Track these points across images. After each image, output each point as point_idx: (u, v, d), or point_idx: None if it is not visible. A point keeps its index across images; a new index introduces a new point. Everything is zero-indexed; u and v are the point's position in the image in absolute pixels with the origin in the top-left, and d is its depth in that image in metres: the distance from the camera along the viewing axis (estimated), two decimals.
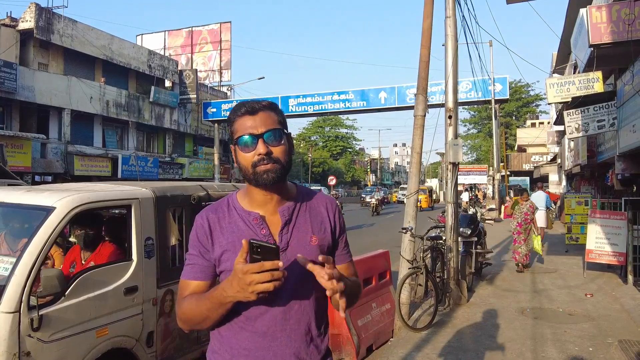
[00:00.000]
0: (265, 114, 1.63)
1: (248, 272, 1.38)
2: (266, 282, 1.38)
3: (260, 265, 1.37)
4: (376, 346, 5.72)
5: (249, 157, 1.60)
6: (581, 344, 5.58)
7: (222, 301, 1.50)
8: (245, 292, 1.41)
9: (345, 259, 1.82)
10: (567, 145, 21.96)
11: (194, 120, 32.73)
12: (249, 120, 1.61)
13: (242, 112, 1.63)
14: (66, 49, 23.72)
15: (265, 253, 1.39)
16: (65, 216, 3.44)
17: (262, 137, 1.59)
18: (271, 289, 1.39)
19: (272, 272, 1.38)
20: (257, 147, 1.59)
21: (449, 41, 7.92)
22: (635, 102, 10.20)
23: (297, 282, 1.62)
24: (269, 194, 1.66)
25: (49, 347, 3.17)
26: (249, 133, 1.59)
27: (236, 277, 1.41)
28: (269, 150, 1.59)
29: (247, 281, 1.38)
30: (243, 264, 1.40)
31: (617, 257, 9.15)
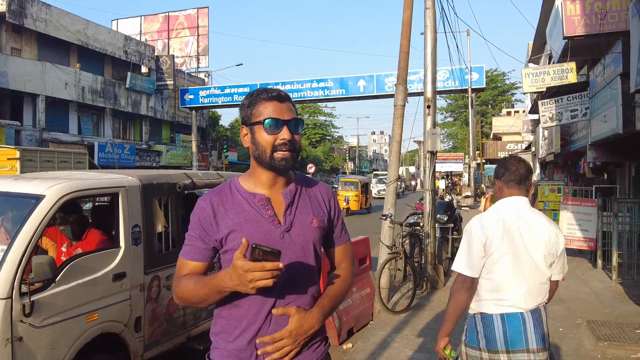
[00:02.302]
0: (289, 104, 1.74)
1: (249, 271, 1.45)
2: (267, 279, 1.46)
3: (262, 266, 1.45)
4: (357, 329, 5.90)
5: (270, 140, 1.68)
6: (552, 325, 5.83)
7: (220, 290, 1.60)
8: (245, 287, 1.49)
9: (343, 240, 1.93)
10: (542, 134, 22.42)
11: (171, 107, 32.41)
12: (276, 106, 1.70)
13: (270, 95, 1.71)
14: (40, 34, 23.24)
15: (267, 255, 1.46)
16: (55, 204, 3.49)
17: (288, 124, 1.69)
18: (270, 284, 1.48)
19: (272, 271, 1.46)
20: (282, 132, 1.68)
21: (428, 33, 8.05)
22: (606, 93, 10.51)
23: (299, 260, 1.73)
24: (275, 177, 1.75)
25: (40, 332, 3.24)
26: (277, 117, 1.68)
27: (236, 272, 1.48)
28: (292, 137, 1.69)
29: (247, 278, 1.46)
30: (243, 260, 1.47)
31: (587, 243, 9.48)
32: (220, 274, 1.57)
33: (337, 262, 1.92)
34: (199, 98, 29.93)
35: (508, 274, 2.56)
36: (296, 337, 1.66)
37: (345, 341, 5.53)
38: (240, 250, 1.48)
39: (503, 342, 2.52)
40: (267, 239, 1.68)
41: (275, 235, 1.71)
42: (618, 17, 9.86)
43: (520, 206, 2.66)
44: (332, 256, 1.92)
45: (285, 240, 1.71)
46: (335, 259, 1.92)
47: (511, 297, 2.56)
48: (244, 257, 1.48)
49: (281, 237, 1.71)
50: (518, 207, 2.66)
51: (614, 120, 10.03)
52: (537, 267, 2.58)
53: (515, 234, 2.58)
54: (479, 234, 2.61)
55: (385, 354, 4.94)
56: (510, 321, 2.53)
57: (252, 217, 1.71)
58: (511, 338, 2.51)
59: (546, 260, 2.59)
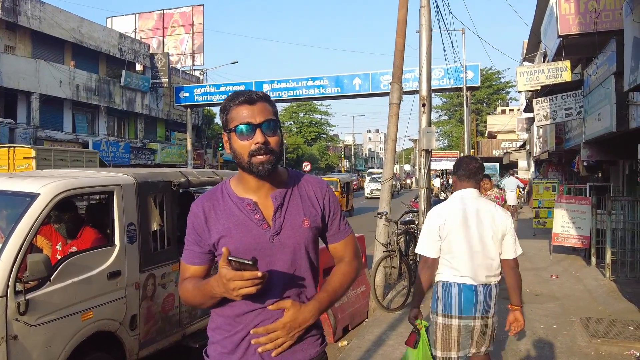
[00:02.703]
0: (263, 105, 1.69)
1: (231, 280, 1.49)
2: (248, 287, 1.50)
3: (241, 275, 1.48)
4: (352, 326, 5.92)
5: (246, 146, 1.66)
6: (546, 322, 5.88)
7: (212, 296, 1.64)
8: (230, 294, 1.54)
9: (341, 237, 1.88)
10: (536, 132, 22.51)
11: (166, 105, 32.31)
12: (247, 110, 1.66)
13: (240, 100, 1.68)
14: (34, 32, 23.11)
15: (243, 265, 1.49)
16: (50, 202, 3.49)
17: (260, 127, 1.66)
18: (253, 292, 1.51)
19: (252, 280, 1.49)
20: (255, 136, 1.65)
21: (424, 31, 8.07)
22: (600, 91, 10.57)
23: (291, 261, 1.74)
24: (261, 181, 1.74)
25: (35, 330, 3.24)
26: (248, 122, 1.65)
27: (221, 281, 1.53)
28: (266, 140, 1.66)
29: (230, 287, 1.50)
30: (227, 269, 1.50)
31: (581, 241, 9.54)
32: (211, 281, 1.62)
33: (339, 257, 1.90)
34: (194, 96, 29.84)
35: (461, 251, 3.09)
36: (290, 330, 1.67)
37: (340, 338, 5.55)
38: (223, 259, 1.51)
39: (457, 308, 3.06)
40: (256, 243, 1.69)
41: (265, 238, 1.71)
42: (612, 16, 9.91)
43: (470, 196, 3.22)
44: (334, 252, 1.91)
45: (275, 244, 1.71)
46: (337, 254, 1.90)
47: (465, 271, 3.07)
48: (228, 265, 1.51)
49: (271, 241, 1.71)
50: (468, 196, 3.21)
51: (608, 118, 10.09)
52: (484, 245, 3.09)
53: (465, 218, 3.12)
54: (435, 221, 3.17)
55: (380, 351, 4.96)
56: (465, 291, 3.06)
57: (242, 222, 1.72)
58: (464, 306, 3.06)
59: (493, 239, 3.10)
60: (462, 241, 3.10)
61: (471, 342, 3.11)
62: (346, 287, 1.85)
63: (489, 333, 3.13)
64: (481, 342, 3.12)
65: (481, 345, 3.13)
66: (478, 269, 3.07)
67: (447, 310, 3.09)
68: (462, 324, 3.06)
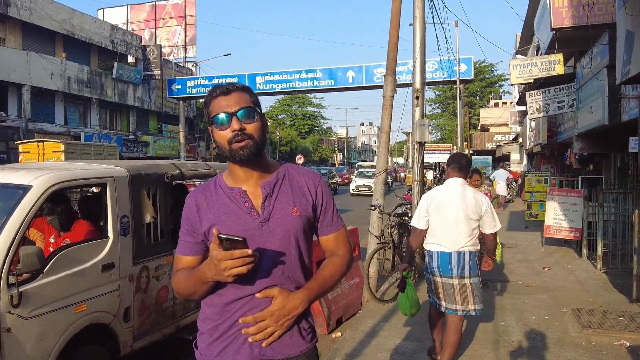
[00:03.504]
0: (239, 94, 1.74)
1: (222, 260, 1.51)
2: (239, 266, 1.52)
3: (230, 254, 1.51)
4: (346, 318, 5.95)
5: (224, 135, 1.71)
6: (538, 313, 5.93)
7: (203, 281, 1.66)
8: (221, 275, 1.56)
9: (333, 229, 1.90)
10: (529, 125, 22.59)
11: (158, 97, 32.15)
12: (223, 100, 1.72)
13: (217, 93, 1.74)
14: (24, 23, 22.88)
15: (234, 243, 1.51)
16: (42, 195, 3.47)
17: (236, 115, 1.70)
18: (244, 272, 1.53)
19: (243, 259, 1.51)
20: (232, 124, 1.69)
21: (417, 23, 8.05)
22: (593, 84, 10.61)
23: (280, 251, 1.74)
24: (249, 171, 1.77)
25: (29, 322, 3.23)
26: (224, 111, 1.70)
27: (212, 263, 1.55)
28: (242, 126, 1.70)
29: (221, 267, 1.52)
30: (217, 250, 1.53)
31: (573, 233, 9.61)
32: (202, 266, 1.64)
33: (331, 250, 1.91)
34: (187, 88, 29.69)
35: (441, 226, 4.03)
36: (279, 318, 1.68)
37: (334, 330, 5.57)
38: (214, 240, 1.54)
39: (437, 269, 4.03)
40: (245, 231, 1.71)
41: (254, 226, 1.73)
42: (605, 9, 9.93)
43: (456, 183, 4.12)
44: (325, 244, 1.92)
45: (264, 231, 1.73)
46: (329, 246, 1.91)
47: (442, 241, 4.01)
48: (218, 247, 1.53)
49: (259, 228, 1.73)
50: (455, 183, 4.12)
51: (600, 111, 10.14)
52: (460, 222, 3.98)
53: (448, 200, 4.05)
54: (425, 201, 4.18)
55: (373, 343, 4.98)
56: (442, 257, 4.01)
57: (231, 210, 1.75)
58: (442, 267, 4.01)
59: (469, 217, 3.97)
60: (443, 217, 4.02)
61: (454, 298, 3.97)
62: (337, 278, 1.86)
63: (468, 292, 3.96)
64: (464, 300, 3.96)
65: (466, 303, 3.96)
66: (453, 240, 3.97)
67: (432, 271, 4.08)
68: (443, 281, 4.01)
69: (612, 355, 4.68)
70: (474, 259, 4.01)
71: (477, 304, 3.99)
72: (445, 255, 3.98)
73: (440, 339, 4.23)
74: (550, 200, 9.98)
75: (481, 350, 4.79)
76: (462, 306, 3.96)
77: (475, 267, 4.00)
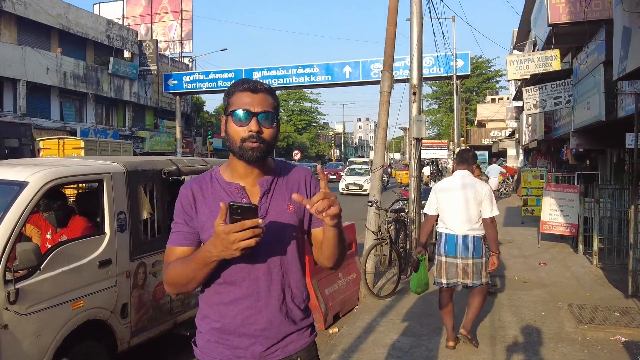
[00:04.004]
0: (265, 96, 1.72)
1: (230, 232, 1.47)
2: (248, 238, 1.48)
3: (241, 224, 1.47)
4: (343, 313, 5.96)
5: (240, 131, 1.69)
6: (534, 309, 5.95)
7: (206, 261, 1.60)
8: (229, 250, 1.50)
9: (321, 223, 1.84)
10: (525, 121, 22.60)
11: (154, 92, 32.04)
12: (248, 97, 1.69)
13: (244, 87, 1.71)
14: (19, 18, 22.74)
15: (245, 212, 1.48)
16: (39, 191, 3.46)
17: (257, 116, 1.68)
18: (253, 244, 1.49)
19: (252, 229, 1.48)
20: (250, 124, 1.67)
21: (414, 19, 8.04)
22: (589, 80, 10.62)
23: (276, 245, 1.74)
24: (250, 168, 1.76)
25: (26, 319, 3.23)
26: (246, 109, 1.68)
27: (219, 238, 1.50)
28: (260, 129, 1.68)
29: (230, 240, 1.48)
30: (224, 225, 1.49)
31: (569, 228, 9.63)
32: (205, 246, 1.60)
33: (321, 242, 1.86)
34: (183, 83, 29.60)
35: (449, 212, 4.62)
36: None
37: (331, 325, 5.58)
38: (220, 216, 1.50)
39: (444, 250, 4.60)
40: None
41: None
42: (602, 5, 9.93)
43: (462, 175, 4.71)
44: (316, 237, 1.87)
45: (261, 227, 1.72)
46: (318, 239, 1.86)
47: (449, 225, 4.60)
48: (224, 222, 1.50)
49: None
50: (460, 175, 4.72)
51: (596, 107, 10.15)
52: (465, 208, 4.54)
53: (454, 189, 4.66)
54: (435, 190, 4.84)
55: (370, 338, 5.00)
56: (449, 238, 4.59)
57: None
58: (448, 248, 4.58)
59: (472, 203, 4.53)
60: (449, 204, 4.63)
61: (456, 274, 4.54)
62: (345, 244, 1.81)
63: (470, 269, 4.52)
64: (464, 275, 4.53)
65: (466, 278, 4.54)
66: (458, 224, 4.54)
67: (439, 251, 4.65)
68: (447, 261, 4.57)
69: (607, 351, 4.71)
70: (479, 242, 4.54)
71: (476, 279, 4.55)
72: (452, 237, 4.56)
73: (450, 323, 4.73)
74: (546, 196, 10.00)
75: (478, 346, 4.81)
76: (469, 280, 4.55)
77: (479, 251, 4.54)
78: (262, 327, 1.72)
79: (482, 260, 4.54)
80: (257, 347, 1.72)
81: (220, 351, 1.75)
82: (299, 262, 1.83)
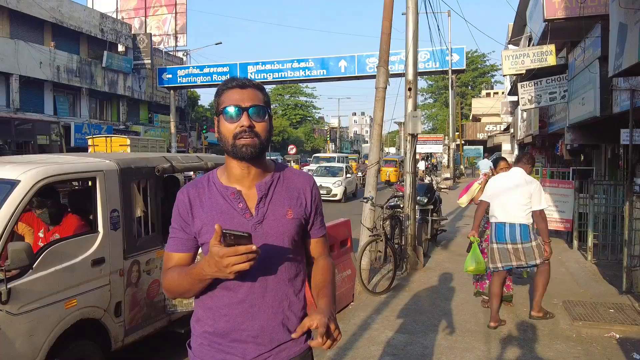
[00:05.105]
0: (254, 91, 1.71)
1: (224, 256, 1.46)
2: (242, 262, 1.47)
3: (235, 250, 1.46)
4: (338, 310, 5.94)
5: (231, 128, 1.67)
6: (529, 305, 5.95)
7: (201, 278, 1.60)
8: (223, 272, 1.50)
9: (320, 232, 1.90)
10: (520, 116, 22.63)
11: (148, 86, 31.88)
12: (237, 94, 1.69)
13: (232, 84, 1.71)
14: (12, 11, 22.53)
15: (238, 239, 1.47)
16: (31, 189, 3.41)
17: (248, 111, 1.67)
18: (247, 268, 1.49)
19: (246, 255, 1.46)
20: (241, 119, 1.66)
21: (410, 14, 7.99)
22: (584, 76, 10.62)
23: (274, 252, 1.72)
24: (246, 168, 1.73)
25: (18, 319, 3.19)
26: (236, 105, 1.66)
27: (213, 259, 1.49)
28: (252, 124, 1.67)
29: (223, 264, 1.47)
30: (219, 246, 1.47)
31: (564, 224, 9.64)
32: (200, 263, 1.59)
33: (319, 252, 1.91)
34: (177, 77, 29.49)
35: (500, 202, 5.23)
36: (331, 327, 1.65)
37: None
38: (215, 237, 1.49)
39: (495, 237, 5.22)
40: None
41: (247, 227, 1.69)
42: (598, 0, 9.91)
43: (515, 171, 5.41)
44: (314, 246, 1.90)
45: (258, 233, 1.69)
46: (317, 249, 1.91)
47: (500, 215, 5.21)
48: (219, 243, 1.48)
49: (253, 230, 1.69)
50: (514, 171, 5.43)
51: (591, 103, 10.15)
52: (514, 200, 5.17)
53: (506, 183, 5.30)
54: (491, 182, 5.51)
55: (366, 335, 4.99)
56: (499, 227, 5.20)
57: (225, 210, 1.72)
58: (499, 235, 5.19)
59: (521, 196, 5.16)
60: (501, 196, 5.24)
61: (509, 258, 5.14)
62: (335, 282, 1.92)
63: (521, 252, 5.12)
64: (516, 258, 5.14)
65: (519, 260, 5.15)
66: (507, 214, 5.15)
67: (491, 239, 5.26)
68: (499, 247, 5.18)
69: (602, 347, 4.72)
70: (527, 229, 5.14)
71: (530, 261, 5.14)
72: (502, 225, 5.17)
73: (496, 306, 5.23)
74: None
75: (473, 343, 4.81)
76: (523, 262, 5.15)
77: (527, 236, 5.13)
78: (254, 333, 1.71)
79: (532, 243, 5.11)
80: (249, 353, 1.71)
81: (212, 355, 1.73)
82: (297, 269, 1.81)
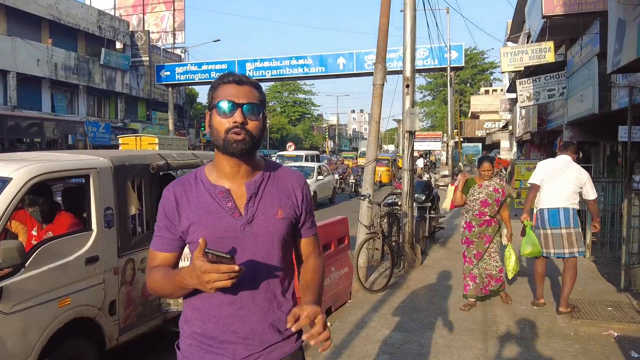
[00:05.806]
0: (250, 89, 1.68)
1: (206, 272, 1.44)
2: (223, 280, 1.45)
3: (217, 268, 1.43)
4: (335, 308, 5.93)
5: (224, 123, 1.63)
6: (527, 303, 5.94)
7: (183, 286, 1.58)
8: (204, 287, 1.49)
9: (311, 232, 1.87)
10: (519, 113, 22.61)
11: (146, 83, 31.80)
12: (233, 89, 1.65)
13: (229, 79, 1.67)
14: (9, 8, 22.45)
15: (220, 259, 1.44)
16: (23, 187, 3.38)
17: (242, 107, 1.63)
18: (228, 285, 1.46)
19: (228, 273, 1.44)
20: (235, 115, 1.62)
21: (408, 10, 7.95)
22: (583, 73, 10.59)
23: (263, 252, 1.69)
24: (236, 165, 1.69)
25: (10, 318, 3.16)
26: (231, 100, 1.63)
27: (195, 273, 1.47)
28: (245, 121, 1.63)
29: (205, 279, 1.45)
30: (202, 261, 1.44)
31: None
32: (183, 271, 1.56)
33: (310, 251, 1.88)
34: (176, 75, 29.39)
35: (551, 188, 5.43)
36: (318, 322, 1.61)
37: None
38: (199, 249, 1.46)
39: (548, 222, 5.42)
40: (227, 231, 1.66)
41: (236, 227, 1.66)
42: None
43: (563, 159, 5.59)
44: (305, 246, 1.88)
45: (247, 233, 1.67)
46: (308, 248, 1.88)
47: (552, 200, 5.41)
48: (203, 257, 1.46)
49: (242, 230, 1.67)
50: (562, 159, 5.60)
51: (590, 100, 10.13)
52: (564, 186, 5.39)
53: (556, 170, 5.49)
54: (542, 166, 5.72)
55: (362, 334, 4.97)
56: (552, 212, 5.40)
57: (213, 209, 1.68)
58: (552, 221, 5.39)
59: (571, 184, 5.38)
60: (552, 182, 5.41)
61: (562, 244, 5.32)
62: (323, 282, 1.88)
63: (573, 238, 5.30)
64: (567, 244, 5.32)
65: (569, 247, 5.32)
66: (559, 199, 5.36)
67: (543, 225, 5.45)
68: (552, 232, 5.38)
69: (600, 346, 4.70)
70: (575, 214, 5.38)
71: (580, 247, 5.38)
72: (555, 211, 5.35)
73: (541, 287, 5.71)
74: None
75: (470, 341, 4.79)
76: (568, 250, 5.32)
77: (576, 221, 5.37)
78: (243, 335, 1.68)
79: (579, 229, 5.40)
80: (239, 354, 1.68)
81: (202, 355, 1.71)
82: (287, 270, 1.78)
